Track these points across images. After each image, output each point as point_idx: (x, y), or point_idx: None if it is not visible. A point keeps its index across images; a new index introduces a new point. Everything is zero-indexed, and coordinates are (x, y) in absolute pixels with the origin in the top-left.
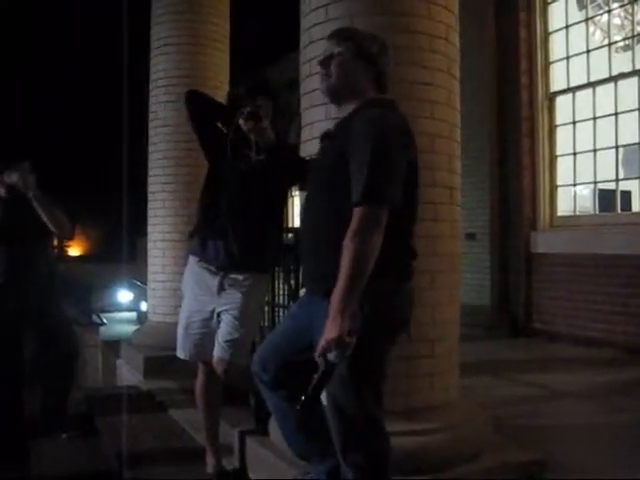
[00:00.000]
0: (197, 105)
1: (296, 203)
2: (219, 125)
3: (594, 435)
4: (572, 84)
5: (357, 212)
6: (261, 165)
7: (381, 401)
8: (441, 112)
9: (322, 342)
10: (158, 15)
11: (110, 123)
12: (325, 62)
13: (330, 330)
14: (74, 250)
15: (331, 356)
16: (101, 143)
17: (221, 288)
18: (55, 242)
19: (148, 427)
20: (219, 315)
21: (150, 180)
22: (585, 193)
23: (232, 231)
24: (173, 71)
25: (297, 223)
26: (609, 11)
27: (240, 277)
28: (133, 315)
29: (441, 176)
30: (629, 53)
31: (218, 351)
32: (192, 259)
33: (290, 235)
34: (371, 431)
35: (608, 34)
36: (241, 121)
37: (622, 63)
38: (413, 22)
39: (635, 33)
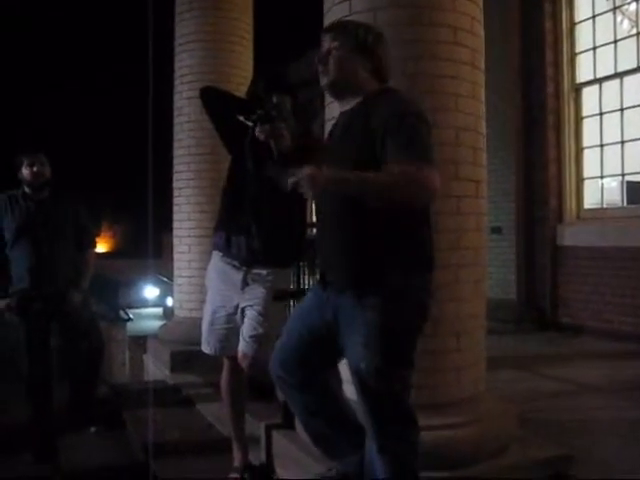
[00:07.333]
0: (213, 102)
1: None
2: (241, 118)
3: (621, 430)
4: (599, 75)
5: (417, 168)
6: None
7: (409, 391)
8: (466, 105)
9: (307, 171)
10: (182, 12)
11: (136, 120)
12: (323, 58)
13: (320, 174)
14: (100, 247)
15: (293, 180)
16: (127, 139)
17: (245, 283)
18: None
19: (175, 421)
20: (243, 310)
21: (175, 176)
22: (612, 185)
23: (255, 227)
24: (197, 67)
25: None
26: (638, 0)
27: (263, 272)
28: (159, 311)
29: (466, 169)
30: None
31: (242, 346)
32: (216, 254)
33: (314, 229)
34: (405, 419)
35: (636, 23)
36: (257, 130)
37: None
38: (437, 15)
39: None
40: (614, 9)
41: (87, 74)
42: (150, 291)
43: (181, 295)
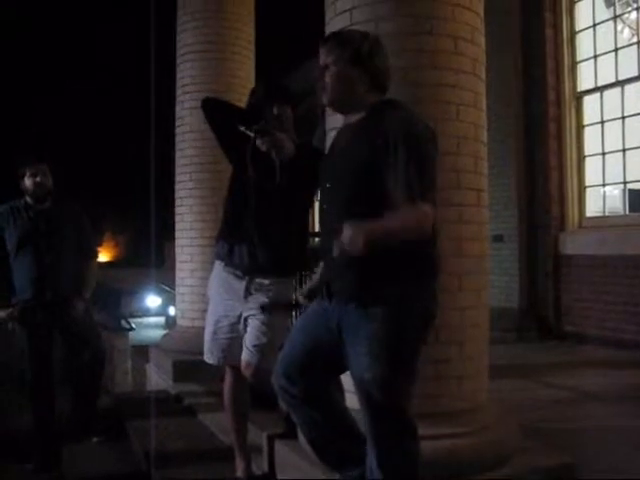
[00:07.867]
0: (214, 113)
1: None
2: (242, 129)
3: (625, 438)
4: (600, 83)
5: (422, 207)
6: (285, 178)
7: (411, 402)
8: (467, 114)
9: (351, 233)
10: (183, 22)
11: (139, 128)
12: (319, 75)
13: (357, 234)
14: (103, 256)
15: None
16: (130, 148)
17: (248, 293)
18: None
19: (177, 430)
20: (246, 320)
21: (177, 186)
22: (614, 193)
23: (257, 236)
24: (199, 77)
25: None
26: (638, 8)
27: (266, 282)
28: (161, 320)
29: (467, 178)
30: None
31: (246, 355)
32: (218, 264)
33: (317, 239)
34: (405, 430)
35: (637, 31)
36: (258, 142)
37: None
38: (437, 24)
39: None
40: (614, 17)
41: (88, 80)
42: (152, 300)
43: (183, 304)
